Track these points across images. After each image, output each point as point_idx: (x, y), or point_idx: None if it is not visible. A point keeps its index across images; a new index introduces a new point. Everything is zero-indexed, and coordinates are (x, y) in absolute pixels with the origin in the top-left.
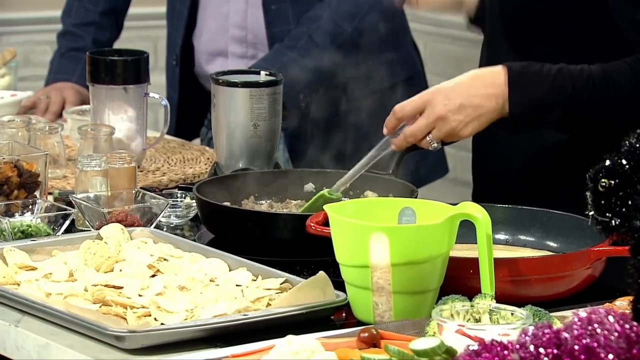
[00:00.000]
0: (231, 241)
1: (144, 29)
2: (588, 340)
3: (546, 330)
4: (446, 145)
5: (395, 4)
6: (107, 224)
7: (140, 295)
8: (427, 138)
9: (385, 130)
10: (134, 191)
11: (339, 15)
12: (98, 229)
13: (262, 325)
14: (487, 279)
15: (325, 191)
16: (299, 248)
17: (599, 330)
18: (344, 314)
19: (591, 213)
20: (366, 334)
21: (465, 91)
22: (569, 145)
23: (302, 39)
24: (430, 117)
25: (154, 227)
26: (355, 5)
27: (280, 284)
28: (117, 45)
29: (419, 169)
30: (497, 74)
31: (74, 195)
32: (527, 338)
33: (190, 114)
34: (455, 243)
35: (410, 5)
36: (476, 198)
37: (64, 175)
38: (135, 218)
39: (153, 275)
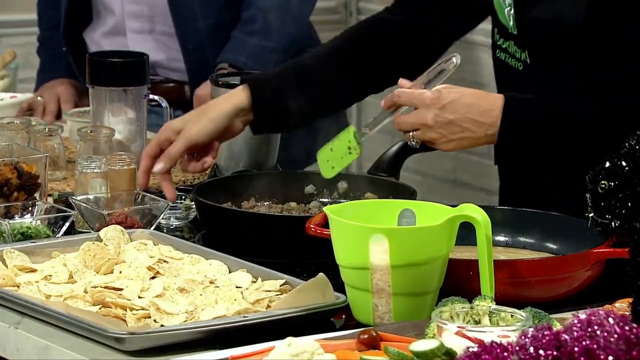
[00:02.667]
0: (231, 243)
1: None
2: (588, 342)
3: (546, 332)
4: (425, 150)
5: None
6: (106, 225)
7: (140, 297)
8: (410, 134)
9: (382, 103)
10: (134, 192)
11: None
12: (98, 230)
13: (262, 327)
14: (486, 280)
15: (353, 130)
16: (299, 250)
17: (598, 332)
18: (343, 316)
19: (591, 215)
20: (366, 336)
21: (461, 110)
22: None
23: (257, 22)
24: (419, 119)
25: (154, 229)
26: None
27: (280, 285)
28: None
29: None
30: (495, 102)
31: (73, 197)
32: (526, 340)
33: None
34: (455, 245)
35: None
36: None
37: (64, 177)
38: (135, 220)
39: (153, 277)
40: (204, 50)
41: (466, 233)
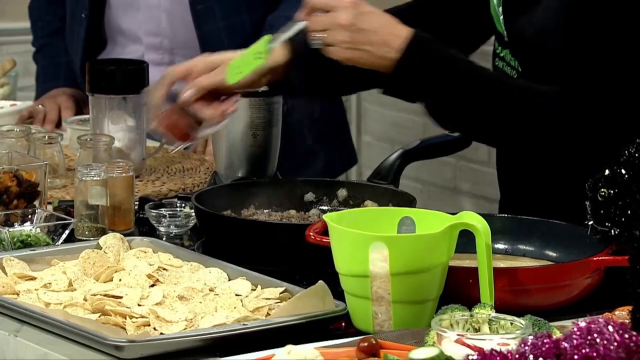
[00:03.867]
0: (231, 251)
1: None
2: (587, 350)
3: (545, 340)
4: (330, 56)
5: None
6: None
7: (139, 305)
8: (317, 34)
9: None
10: (133, 200)
11: None
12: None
13: (261, 335)
14: (486, 288)
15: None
16: (299, 257)
17: (598, 340)
18: (343, 324)
19: (590, 222)
20: (366, 344)
21: (375, 23)
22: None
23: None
24: (333, 18)
25: (154, 237)
26: None
27: (280, 293)
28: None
29: (331, 162)
30: (405, 30)
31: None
32: (526, 348)
33: None
34: (455, 252)
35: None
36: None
37: (64, 184)
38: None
39: (152, 285)
40: None
41: (466, 241)
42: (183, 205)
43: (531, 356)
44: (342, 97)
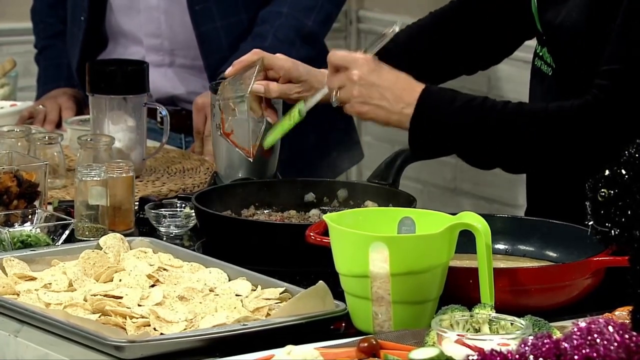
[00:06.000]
0: (231, 251)
1: None
2: (587, 350)
3: (546, 341)
4: (348, 113)
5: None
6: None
7: (139, 305)
8: (334, 92)
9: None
10: (133, 200)
11: (298, 9)
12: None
13: (261, 335)
14: (486, 288)
15: (296, 111)
16: (299, 258)
17: (598, 341)
18: (343, 324)
19: (590, 223)
20: (366, 344)
21: (387, 79)
22: None
23: (268, 38)
24: (346, 75)
25: (154, 237)
26: None
27: (280, 293)
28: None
29: (337, 158)
30: (418, 86)
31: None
32: (526, 348)
33: None
34: (455, 253)
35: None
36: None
37: (64, 185)
38: None
39: (152, 285)
40: None
41: (466, 241)
42: (183, 205)
43: (531, 356)
44: None
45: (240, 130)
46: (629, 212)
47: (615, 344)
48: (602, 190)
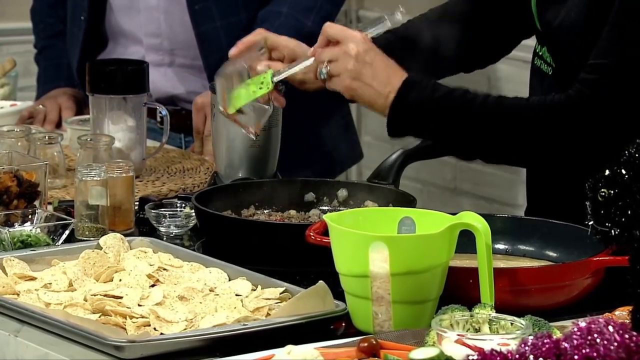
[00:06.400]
0: (231, 251)
1: None
2: (587, 350)
3: (546, 340)
4: (333, 88)
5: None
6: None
7: (139, 305)
8: (324, 64)
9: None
10: (133, 200)
11: (298, 9)
12: None
13: (261, 335)
14: (486, 288)
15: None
16: (299, 258)
17: (598, 340)
18: (343, 324)
19: (591, 223)
20: (366, 344)
21: (381, 62)
22: None
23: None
24: (342, 49)
25: (154, 237)
26: None
27: (280, 293)
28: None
29: (335, 157)
30: (403, 72)
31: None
32: (526, 348)
33: None
34: (455, 253)
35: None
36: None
37: (64, 185)
38: None
39: (152, 285)
40: None
41: (466, 241)
42: (183, 205)
43: (531, 356)
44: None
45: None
46: (629, 212)
47: (615, 343)
48: (602, 190)
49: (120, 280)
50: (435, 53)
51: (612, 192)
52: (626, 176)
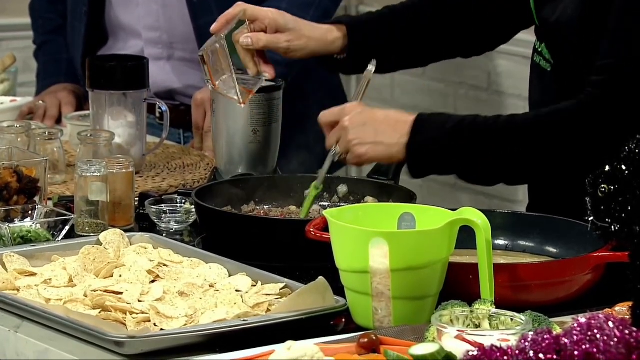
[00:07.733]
0: (231, 247)
1: None
2: (587, 346)
3: (546, 336)
4: (352, 164)
5: None
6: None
7: (139, 301)
8: (334, 146)
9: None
10: (133, 196)
11: (297, 5)
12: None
13: (261, 331)
14: (486, 284)
15: (312, 187)
16: (299, 253)
17: (598, 336)
18: (343, 320)
19: (591, 218)
20: (366, 340)
21: (377, 117)
22: None
23: None
24: (339, 127)
25: (154, 233)
26: None
27: (280, 289)
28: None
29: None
30: (409, 117)
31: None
32: (526, 344)
33: None
34: (455, 248)
35: None
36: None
37: (64, 180)
38: None
39: (153, 281)
40: None
41: (466, 237)
42: (183, 201)
43: (531, 352)
44: (344, 92)
45: (228, 81)
46: (629, 208)
47: (615, 339)
48: (602, 185)
49: (120, 276)
50: (433, 37)
51: (612, 187)
52: (626, 172)
